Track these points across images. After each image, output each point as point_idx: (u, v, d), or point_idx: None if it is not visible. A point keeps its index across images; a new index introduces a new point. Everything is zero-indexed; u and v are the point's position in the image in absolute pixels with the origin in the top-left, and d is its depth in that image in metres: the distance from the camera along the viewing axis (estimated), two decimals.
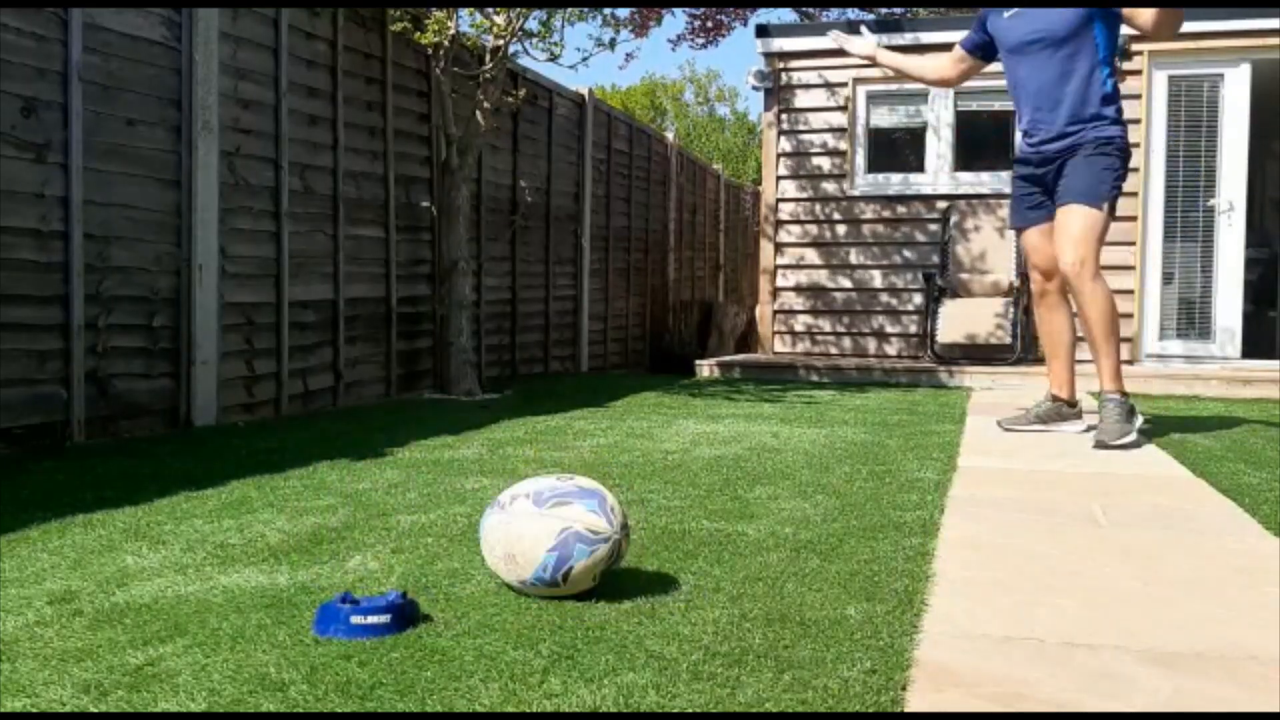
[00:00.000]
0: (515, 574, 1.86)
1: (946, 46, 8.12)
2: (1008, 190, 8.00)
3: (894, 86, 8.39)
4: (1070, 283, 3.95)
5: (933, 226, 8.20)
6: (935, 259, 8.13)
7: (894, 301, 8.33)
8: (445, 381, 5.90)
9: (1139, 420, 3.99)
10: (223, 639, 1.66)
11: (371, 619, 1.67)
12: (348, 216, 5.40)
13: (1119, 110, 4.09)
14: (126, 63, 4.11)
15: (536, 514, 1.85)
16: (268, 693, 1.44)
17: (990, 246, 7.86)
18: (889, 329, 8.34)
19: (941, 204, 8.12)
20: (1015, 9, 4.21)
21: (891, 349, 8.32)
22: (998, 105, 8.31)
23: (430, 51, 5.80)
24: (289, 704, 1.41)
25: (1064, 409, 4.33)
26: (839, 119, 8.36)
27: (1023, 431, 4.24)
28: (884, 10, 10.97)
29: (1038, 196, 4.16)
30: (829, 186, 8.43)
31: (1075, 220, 3.92)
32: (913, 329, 8.24)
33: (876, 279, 8.36)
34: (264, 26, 4.84)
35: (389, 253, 5.75)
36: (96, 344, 3.99)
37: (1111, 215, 3.97)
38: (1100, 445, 3.84)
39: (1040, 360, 8.05)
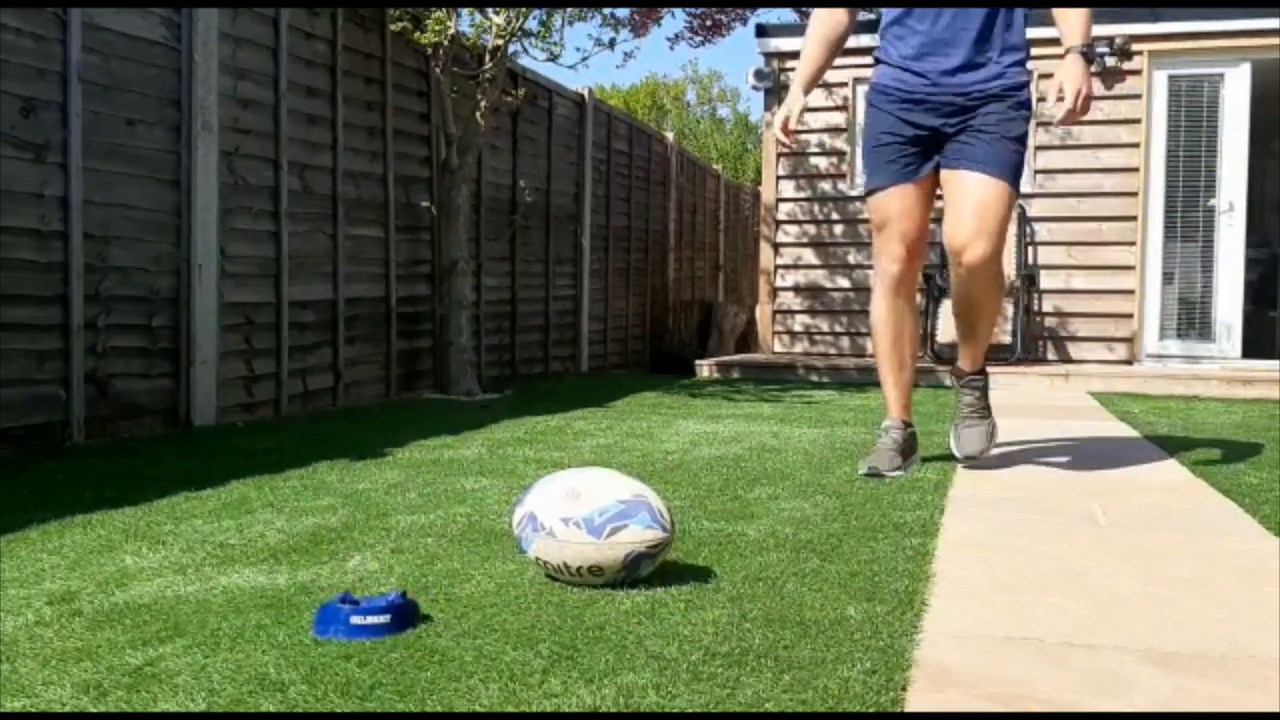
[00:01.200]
0: (580, 583, 1.96)
1: None
2: None
3: None
4: (978, 276, 3.18)
5: (932, 226, 8.19)
6: (933, 258, 8.13)
7: None
8: (445, 382, 5.90)
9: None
10: (222, 639, 1.66)
11: (371, 619, 1.67)
12: (347, 216, 5.40)
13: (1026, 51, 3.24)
14: (126, 63, 4.11)
15: (598, 544, 1.90)
16: (267, 693, 1.44)
17: None
18: None
19: (941, 204, 8.11)
20: None
21: None
22: None
23: (430, 51, 5.80)
24: (288, 704, 1.41)
25: (914, 435, 3.43)
26: (838, 119, 8.36)
27: (890, 476, 3.18)
28: (884, 11, 10.96)
29: (913, 151, 3.26)
30: (828, 186, 8.43)
31: (996, 200, 3.14)
32: None
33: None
34: (263, 26, 4.84)
35: (388, 253, 5.75)
36: (96, 344, 3.99)
37: (1017, 194, 3.24)
38: (968, 460, 3.38)
39: (1040, 360, 8.08)
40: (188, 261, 4.39)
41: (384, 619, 1.67)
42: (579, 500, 1.93)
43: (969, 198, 3.16)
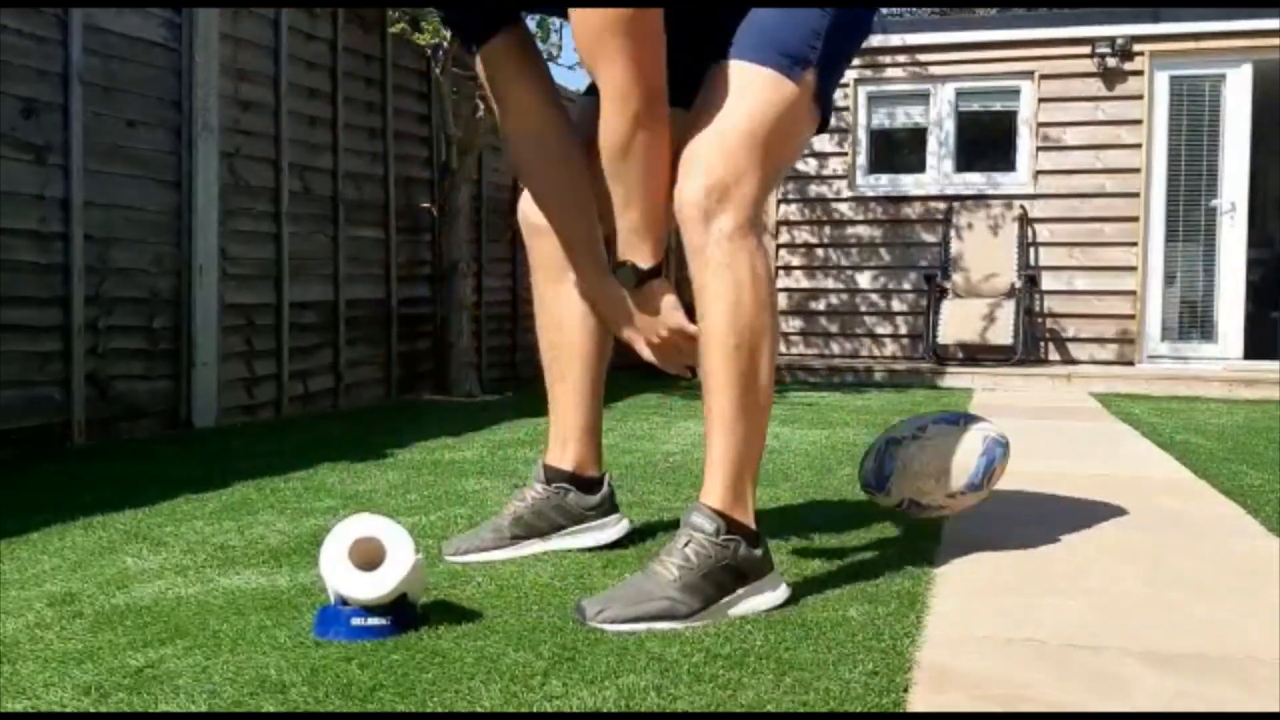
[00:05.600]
0: (943, 489, 2.15)
1: (942, 46, 8.17)
2: (1008, 191, 8.06)
3: (896, 88, 8.39)
4: (695, 231, 1.83)
5: (933, 227, 8.20)
6: (933, 260, 8.13)
7: (894, 303, 8.32)
8: (446, 383, 5.90)
9: (778, 591, 1.85)
10: (223, 641, 1.66)
11: (372, 621, 1.67)
12: (348, 218, 5.40)
13: None
14: (126, 64, 4.11)
15: (958, 429, 2.15)
16: (268, 694, 1.44)
17: (990, 247, 7.86)
18: (889, 330, 8.34)
19: (942, 205, 8.12)
20: None
21: (892, 350, 8.31)
22: (998, 105, 8.31)
23: (430, 52, 5.79)
24: (289, 706, 1.41)
25: (570, 495, 2.23)
26: (839, 120, 8.36)
27: (484, 561, 2.16)
28: (884, 10, 10.96)
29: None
30: (829, 188, 8.43)
31: (740, 95, 1.84)
32: (913, 330, 8.24)
33: (877, 280, 8.35)
34: (264, 28, 4.84)
35: (389, 254, 5.74)
36: (96, 345, 3.99)
37: (824, 119, 1.94)
38: (577, 617, 1.74)
39: (1042, 360, 8.09)
40: (188, 263, 4.39)
41: (385, 621, 1.67)
42: (949, 477, 2.14)
43: (702, 103, 1.89)
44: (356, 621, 1.66)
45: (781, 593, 1.84)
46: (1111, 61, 7.73)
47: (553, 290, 2.20)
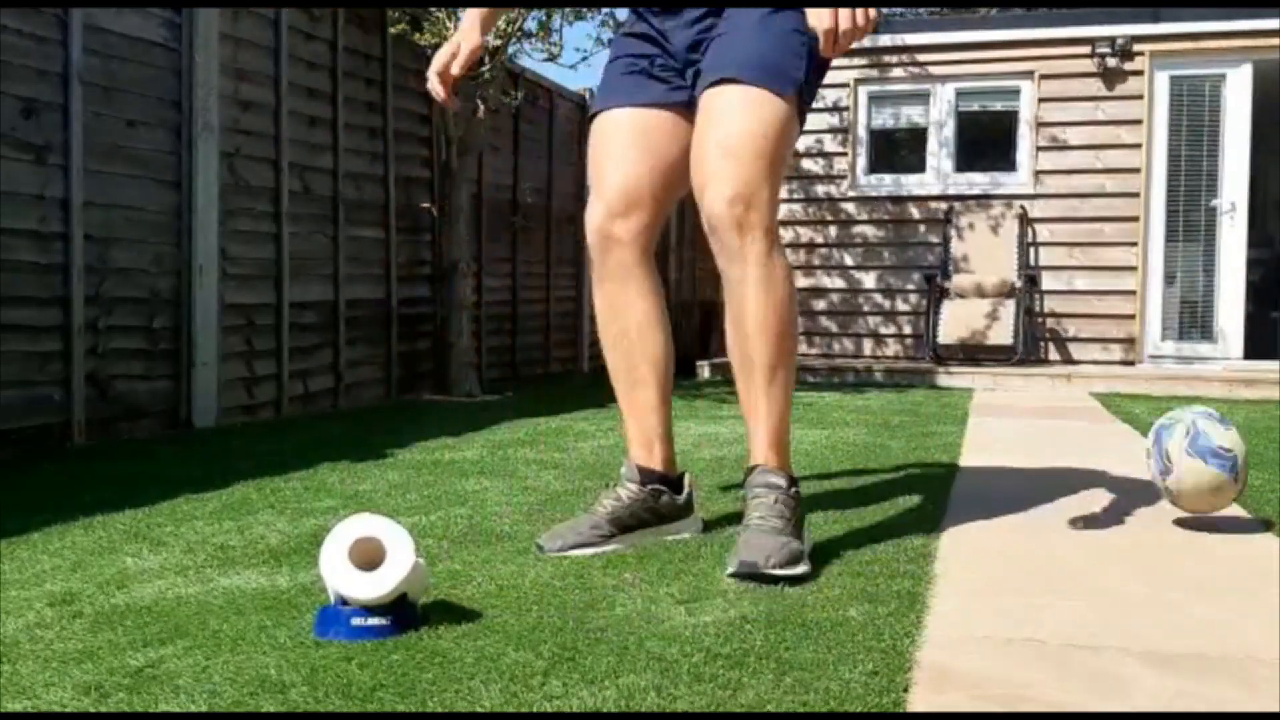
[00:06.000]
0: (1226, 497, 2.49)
1: (942, 46, 8.17)
2: (1009, 191, 8.07)
3: (895, 88, 8.39)
4: (727, 237, 2.10)
5: (933, 227, 8.20)
6: (934, 259, 8.13)
7: (894, 303, 8.33)
8: (446, 383, 5.90)
9: (808, 539, 2.13)
10: (223, 641, 1.66)
11: (372, 621, 1.67)
12: (348, 217, 5.40)
13: None
14: (127, 64, 4.11)
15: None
16: (268, 694, 1.44)
17: (991, 247, 7.86)
18: (889, 330, 8.34)
19: (942, 205, 8.12)
20: None
21: (891, 350, 8.31)
22: (998, 105, 8.31)
23: (430, 52, 5.79)
24: (290, 706, 1.41)
25: (664, 497, 2.31)
26: (839, 120, 8.36)
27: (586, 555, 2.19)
28: (885, 10, 10.96)
29: (645, 65, 2.29)
30: (829, 188, 8.43)
31: (746, 115, 2.10)
32: (913, 330, 8.24)
33: (877, 280, 8.36)
34: (264, 28, 4.84)
35: (389, 254, 5.75)
36: (96, 345, 3.99)
37: (802, 123, 2.21)
38: (747, 574, 1.96)
39: (1042, 360, 8.08)
40: (188, 263, 4.39)
41: (385, 620, 1.67)
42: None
43: (709, 122, 2.16)
44: (357, 621, 1.66)
45: (808, 540, 2.15)
46: (1111, 61, 7.73)
47: (624, 299, 2.33)
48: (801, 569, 1.97)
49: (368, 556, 1.71)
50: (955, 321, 7.69)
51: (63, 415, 3.86)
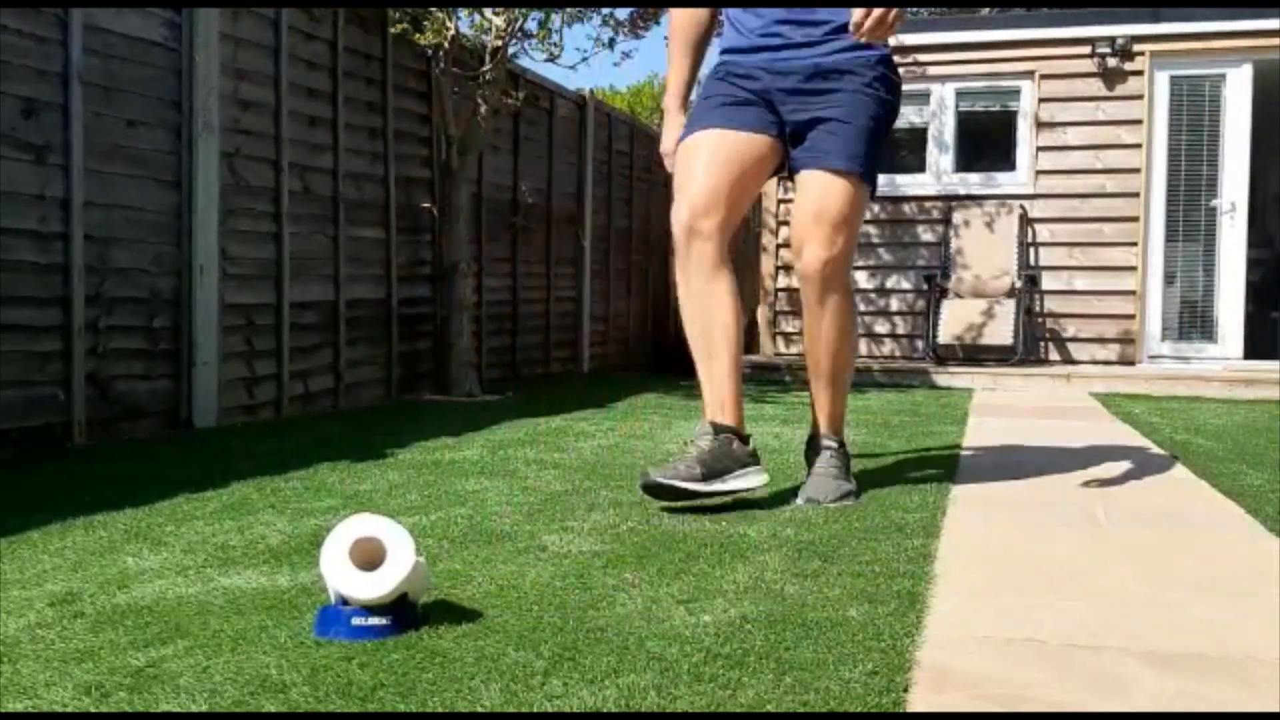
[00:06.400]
0: None
1: (942, 46, 8.17)
2: (1009, 191, 8.06)
3: None
4: (815, 285, 2.77)
5: (933, 227, 8.20)
6: (934, 259, 8.13)
7: (894, 302, 8.33)
8: (446, 383, 5.90)
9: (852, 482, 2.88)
10: (224, 640, 1.66)
11: (372, 620, 1.67)
12: (348, 218, 5.40)
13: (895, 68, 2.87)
14: (127, 64, 4.11)
15: None
16: (269, 694, 1.44)
17: (991, 247, 7.86)
18: (888, 330, 8.34)
19: (942, 205, 8.12)
20: None
21: (891, 350, 8.32)
22: (998, 105, 8.31)
23: (430, 52, 5.80)
24: (290, 705, 1.41)
25: (735, 444, 2.75)
26: None
27: (685, 489, 2.64)
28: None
29: (745, 99, 2.82)
30: None
31: (840, 196, 2.73)
32: (913, 330, 8.24)
33: (877, 280, 8.36)
34: (264, 28, 4.84)
35: (389, 254, 5.74)
36: (97, 345, 3.99)
37: (872, 195, 2.86)
38: (811, 502, 2.75)
39: (1042, 360, 8.08)
40: (188, 263, 4.39)
41: (385, 620, 1.67)
42: None
43: (810, 198, 2.80)
44: (357, 621, 1.67)
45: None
46: (1112, 61, 7.73)
47: (709, 288, 2.80)
48: (850, 502, 2.76)
49: (368, 556, 1.71)
50: (955, 321, 7.70)
51: (63, 415, 3.86)
